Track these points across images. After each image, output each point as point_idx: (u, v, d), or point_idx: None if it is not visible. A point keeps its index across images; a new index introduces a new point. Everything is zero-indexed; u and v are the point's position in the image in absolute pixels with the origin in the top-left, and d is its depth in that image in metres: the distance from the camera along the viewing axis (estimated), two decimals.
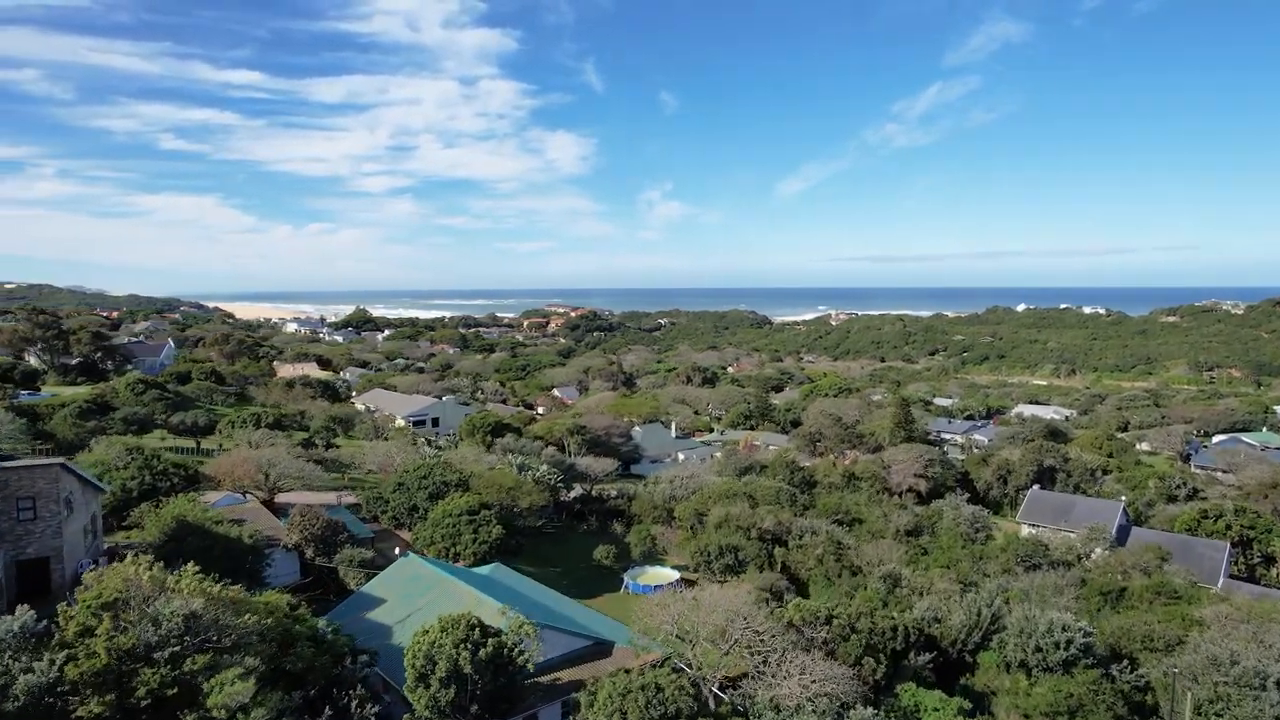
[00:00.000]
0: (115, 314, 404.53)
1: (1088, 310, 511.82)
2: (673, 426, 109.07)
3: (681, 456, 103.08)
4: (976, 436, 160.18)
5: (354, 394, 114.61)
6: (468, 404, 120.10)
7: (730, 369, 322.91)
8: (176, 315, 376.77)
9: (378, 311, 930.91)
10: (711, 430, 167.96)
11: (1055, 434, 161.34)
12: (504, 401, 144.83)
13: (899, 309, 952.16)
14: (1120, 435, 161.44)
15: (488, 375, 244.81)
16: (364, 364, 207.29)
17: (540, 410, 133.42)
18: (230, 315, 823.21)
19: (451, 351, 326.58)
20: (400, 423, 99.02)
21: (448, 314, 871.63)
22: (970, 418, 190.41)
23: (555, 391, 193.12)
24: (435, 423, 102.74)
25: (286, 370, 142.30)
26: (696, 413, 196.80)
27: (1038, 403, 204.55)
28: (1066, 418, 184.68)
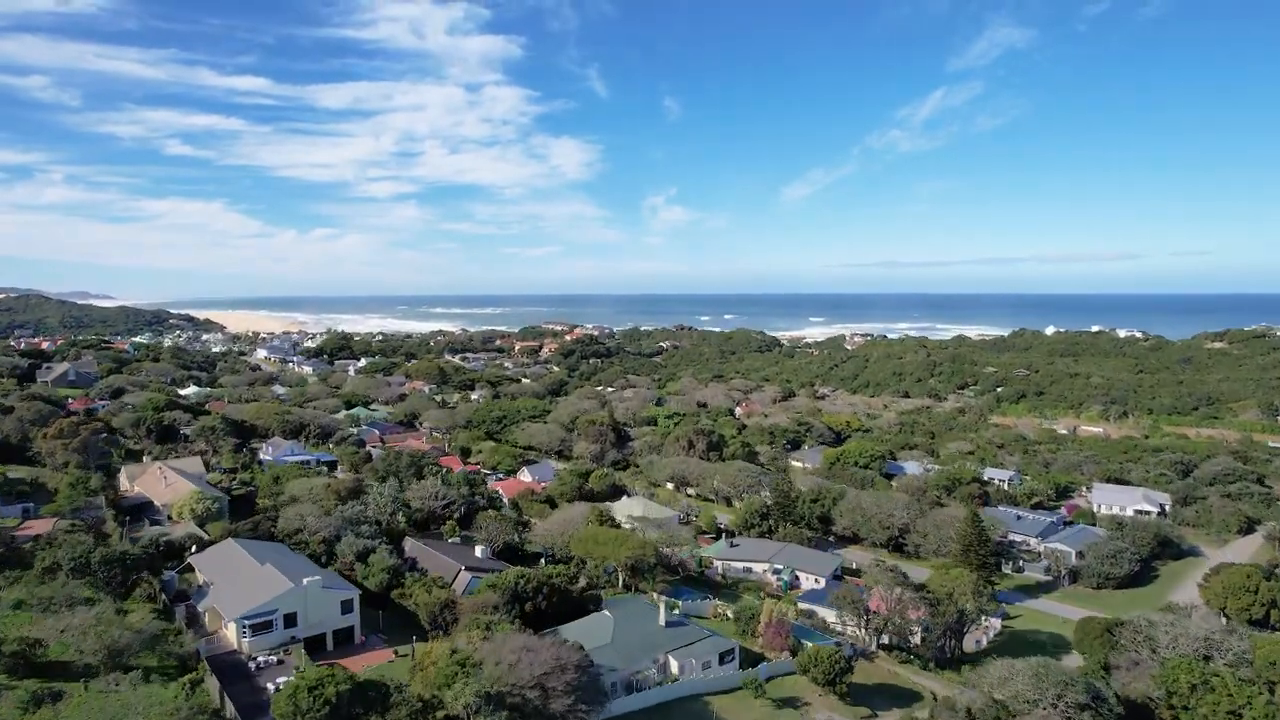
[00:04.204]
0: (59, 340, 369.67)
1: (1123, 334, 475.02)
2: (661, 609, 73.09)
3: (675, 667, 67.73)
4: (1060, 546, 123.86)
5: (191, 551, 78.37)
6: (371, 543, 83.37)
7: (738, 410, 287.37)
8: (127, 346, 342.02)
9: (372, 323, 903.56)
10: (719, 534, 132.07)
11: (1166, 544, 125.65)
12: (439, 511, 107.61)
13: (908, 319, 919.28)
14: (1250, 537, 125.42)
15: (455, 432, 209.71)
16: (298, 430, 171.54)
17: (482, 534, 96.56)
18: (221, 327, 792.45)
19: (426, 390, 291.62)
20: (230, 632, 63.35)
21: (444, 325, 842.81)
22: (1039, 504, 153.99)
23: (524, 474, 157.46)
24: (291, 621, 66.98)
25: (149, 478, 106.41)
26: (701, 496, 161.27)
27: (1118, 480, 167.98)
28: (1162, 509, 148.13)
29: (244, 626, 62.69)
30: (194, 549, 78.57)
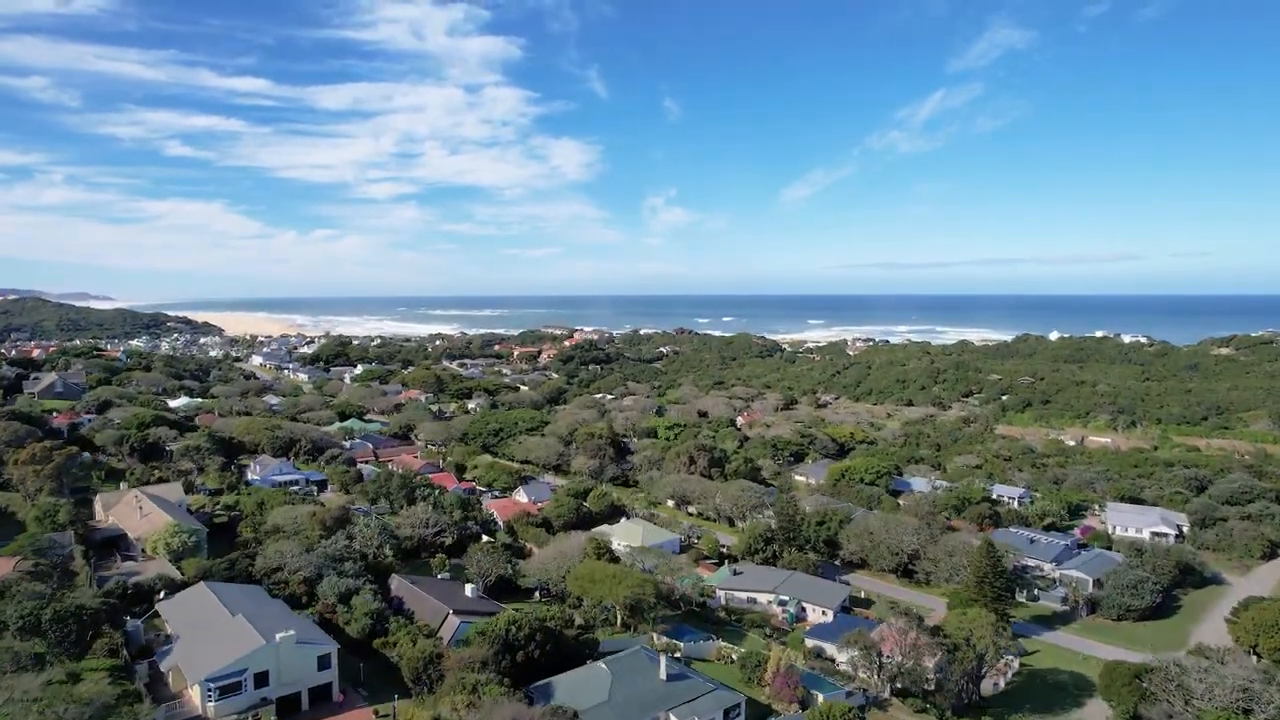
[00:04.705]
0: (50, 348, 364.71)
1: (1127, 339, 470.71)
2: (662, 662, 68.23)
3: None
4: (1076, 574, 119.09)
5: (160, 596, 73.66)
6: (355, 583, 78.51)
7: (740, 419, 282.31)
8: (119, 354, 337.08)
9: (370, 326, 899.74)
10: (722, 559, 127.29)
11: (1188, 571, 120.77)
12: (430, 539, 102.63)
13: (907, 322, 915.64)
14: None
15: (450, 446, 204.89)
16: (288, 447, 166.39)
17: (473, 567, 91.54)
18: (220, 330, 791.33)
19: (422, 399, 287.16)
20: (195, 694, 58.46)
21: (443, 328, 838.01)
22: (1052, 525, 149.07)
23: (520, 494, 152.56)
24: (262, 680, 62.26)
25: (124, 507, 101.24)
26: (703, 515, 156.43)
27: (1132, 499, 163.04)
28: (1180, 531, 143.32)
29: (210, 689, 57.82)
30: (163, 593, 73.70)
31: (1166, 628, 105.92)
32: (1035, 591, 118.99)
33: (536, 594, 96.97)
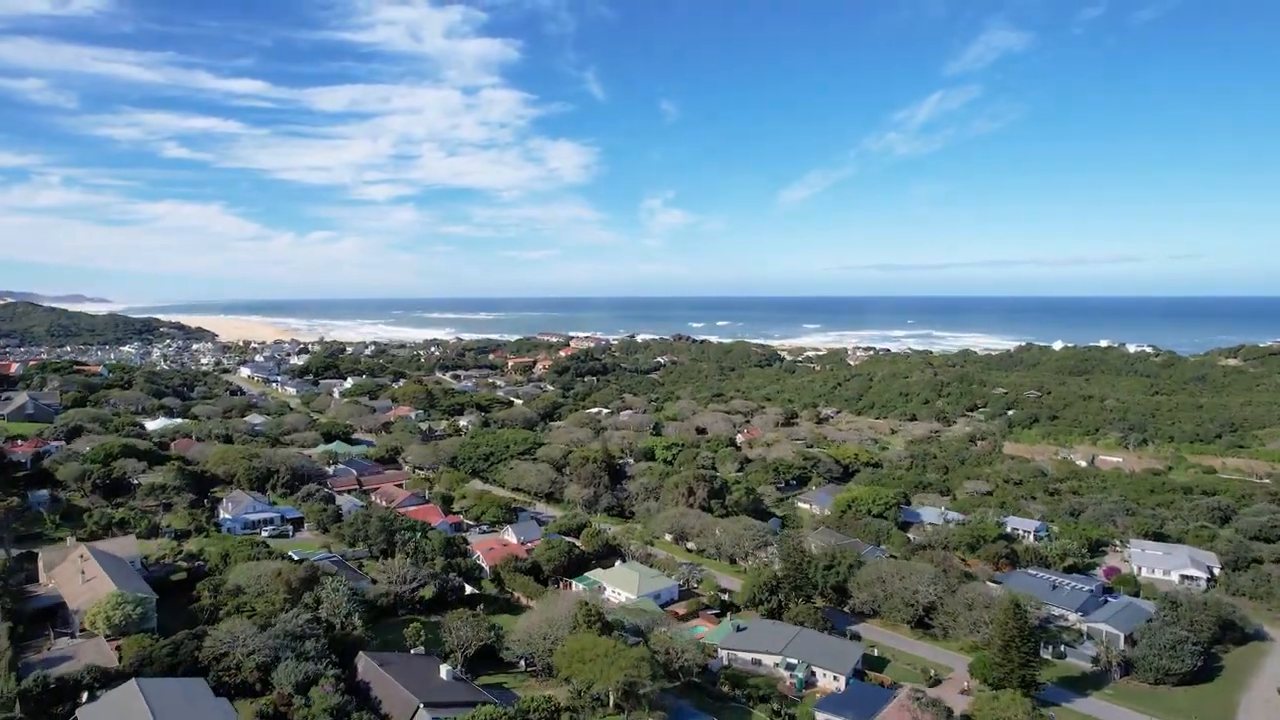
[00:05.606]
0: (31, 361, 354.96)
1: (1132, 348, 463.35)
2: None
3: None
4: (1106, 628, 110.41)
5: (83, 699, 64.23)
6: (316, 667, 69.34)
7: (740, 437, 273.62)
8: (101, 368, 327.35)
9: (365, 331, 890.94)
10: (724, 608, 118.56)
11: (1228, 626, 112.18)
12: (407, 596, 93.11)
13: (904, 326, 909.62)
14: None
15: (438, 471, 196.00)
16: (265, 478, 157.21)
17: (452, 637, 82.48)
18: (213, 336, 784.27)
19: (412, 416, 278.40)
20: None
21: (439, 332, 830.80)
22: (1073, 567, 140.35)
23: (508, 533, 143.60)
24: None
25: (68, 568, 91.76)
26: (703, 553, 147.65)
27: (1157, 535, 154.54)
28: (1211, 574, 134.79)
29: None
30: (88, 694, 64.59)
31: (1209, 694, 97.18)
32: (1062, 647, 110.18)
33: (522, 663, 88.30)
